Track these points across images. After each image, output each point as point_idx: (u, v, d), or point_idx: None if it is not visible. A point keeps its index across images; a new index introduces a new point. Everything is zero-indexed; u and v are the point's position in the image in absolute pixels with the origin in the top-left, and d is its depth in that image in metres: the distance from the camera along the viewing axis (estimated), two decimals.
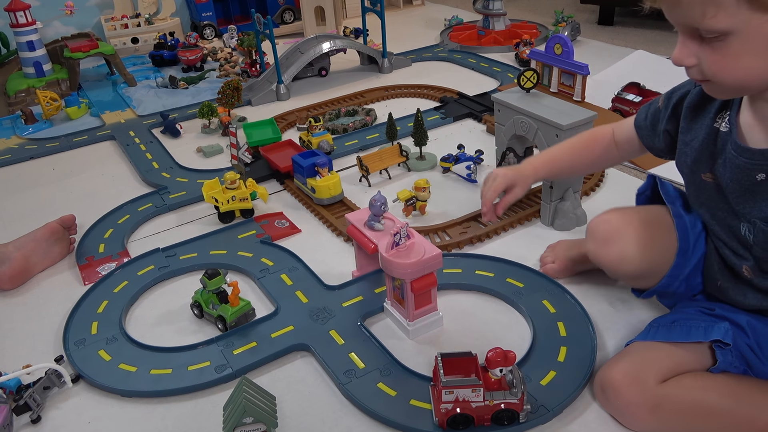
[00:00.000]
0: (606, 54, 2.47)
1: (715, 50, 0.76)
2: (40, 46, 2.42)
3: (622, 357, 0.96)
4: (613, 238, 1.00)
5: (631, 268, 1.00)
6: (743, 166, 0.84)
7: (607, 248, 1.01)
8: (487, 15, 2.68)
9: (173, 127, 2.05)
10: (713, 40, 0.75)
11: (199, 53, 2.62)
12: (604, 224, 1.03)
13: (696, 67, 0.79)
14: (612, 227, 1.01)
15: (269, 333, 1.17)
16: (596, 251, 1.03)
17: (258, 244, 1.44)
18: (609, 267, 1.03)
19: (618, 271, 1.03)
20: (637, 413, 0.91)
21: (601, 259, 1.03)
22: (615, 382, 0.93)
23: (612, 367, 0.95)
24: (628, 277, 1.05)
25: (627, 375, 0.92)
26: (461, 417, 0.92)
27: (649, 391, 0.90)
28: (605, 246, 1.01)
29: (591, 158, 1.17)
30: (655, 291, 1.02)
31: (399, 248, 1.08)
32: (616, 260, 1.00)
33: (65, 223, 1.45)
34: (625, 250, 0.99)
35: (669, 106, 0.99)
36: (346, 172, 1.75)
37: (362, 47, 2.47)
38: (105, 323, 1.22)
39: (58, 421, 1.04)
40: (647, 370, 0.91)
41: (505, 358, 0.91)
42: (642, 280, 1.04)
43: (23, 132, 2.13)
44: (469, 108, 2.05)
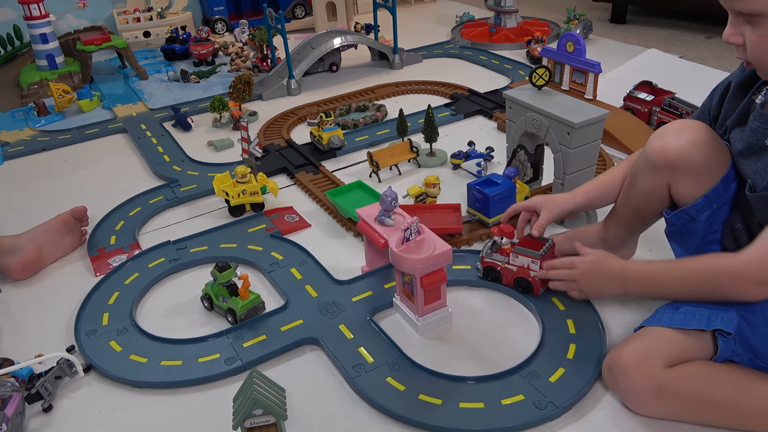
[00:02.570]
0: (618, 52, 2.46)
1: (754, 30, 0.86)
2: (53, 38, 2.44)
3: (631, 340, 0.98)
4: (685, 131, 1.02)
5: (693, 159, 1.00)
6: (756, 129, 0.94)
7: (678, 138, 1.02)
8: (499, 12, 2.68)
9: (184, 121, 2.05)
10: (753, 20, 0.85)
11: (210, 47, 2.63)
12: (678, 122, 1.06)
13: (742, 46, 0.89)
14: (684, 124, 1.04)
15: (279, 326, 1.18)
16: (664, 143, 1.03)
17: (268, 238, 1.44)
18: (674, 156, 1.02)
19: (682, 160, 1.01)
20: (642, 396, 0.93)
21: (669, 149, 1.02)
22: (622, 362, 0.94)
23: (621, 349, 0.97)
24: (686, 169, 1.02)
25: (634, 357, 0.94)
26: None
27: (654, 374, 0.92)
28: (676, 136, 1.02)
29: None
30: (687, 212, 1.03)
31: (409, 243, 1.08)
32: (685, 148, 1.01)
33: (77, 215, 1.46)
34: (693, 141, 1.00)
35: (717, 93, 1.07)
36: (355, 168, 1.75)
37: (373, 43, 2.47)
38: (116, 314, 1.23)
39: (69, 410, 1.05)
40: (654, 353, 0.93)
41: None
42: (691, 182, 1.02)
43: (36, 124, 2.15)
44: (480, 105, 2.05)
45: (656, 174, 1.06)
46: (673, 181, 1.05)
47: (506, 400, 0.99)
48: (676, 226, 1.07)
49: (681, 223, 1.05)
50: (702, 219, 1.02)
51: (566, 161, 1.36)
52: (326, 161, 1.78)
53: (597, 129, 1.34)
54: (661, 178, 1.06)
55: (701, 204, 1.01)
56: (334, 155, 1.81)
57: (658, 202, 1.09)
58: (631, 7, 2.87)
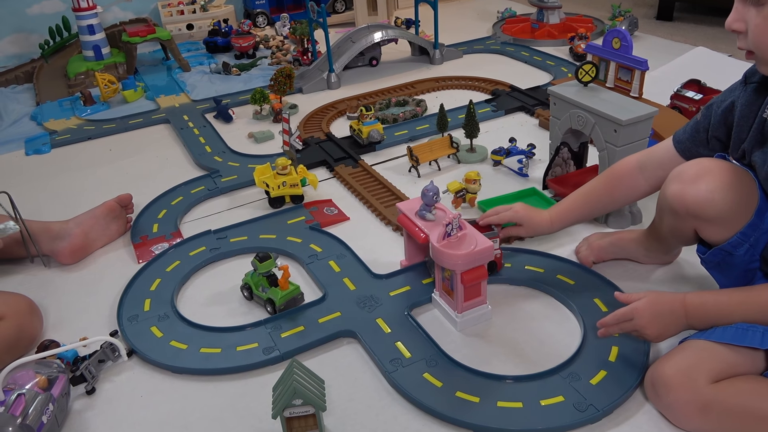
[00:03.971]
0: (664, 50, 2.40)
1: (758, 13, 0.85)
2: (99, 30, 2.49)
3: (675, 353, 0.95)
4: (703, 177, 0.98)
5: (716, 209, 0.96)
6: None
7: (696, 186, 0.98)
8: (542, 8, 2.64)
9: (226, 113, 2.08)
10: (758, 3, 0.84)
11: (251, 40, 2.65)
12: (695, 165, 1.01)
13: (744, 34, 0.88)
14: (703, 167, 0.99)
15: (317, 318, 1.18)
16: (682, 190, 1.00)
17: (307, 230, 1.45)
18: (694, 205, 0.99)
19: (703, 210, 0.98)
20: (686, 411, 0.90)
21: (688, 198, 0.99)
22: (666, 378, 0.91)
23: (664, 363, 0.94)
24: (710, 218, 0.99)
25: (678, 372, 0.91)
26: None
27: (699, 390, 0.88)
28: (694, 184, 0.98)
29: (612, 197, 1.21)
30: (723, 249, 0.99)
31: (450, 239, 1.07)
32: (704, 198, 0.97)
33: (122, 202, 1.48)
34: (713, 189, 0.96)
35: (718, 113, 1.03)
36: (394, 162, 1.74)
37: (414, 38, 2.46)
38: (157, 301, 1.25)
39: (111, 393, 1.07)
40: (699, 368, 0.90)
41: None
42: (718, 227, 0.99)
43: (82, 113, 2.20)
44: (521, 101, 2.02)
45: (678, 218, 1.03)
46: (697, 226, 1.01)
47: (545, 401, 0.97)
48: (712, 262, 1.03)
49: (718, 259, 1.01)
50: (740, 253, 0.98)
51: (612, 159, 1.33)
52: (365, 155, 1.78)
53: (645, 127, 1.31)
54: (685, 222, 1.03)
55: (737, 240, 0.97)
56: (374, 149, 1.81)
57: (686, 238, 1.07)
58: (678, 4, 2.79)
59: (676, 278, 1.23)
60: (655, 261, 1.26)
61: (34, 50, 2.73)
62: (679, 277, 1.23)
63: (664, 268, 1.26)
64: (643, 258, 1.26)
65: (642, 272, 1.25)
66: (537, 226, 1.25)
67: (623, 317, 0.99)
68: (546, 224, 1.24)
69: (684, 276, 1.24)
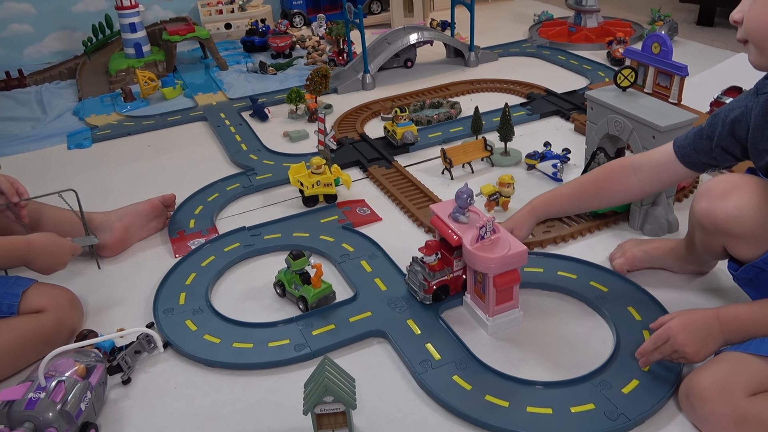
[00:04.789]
0: (704, 56, 2.36)
1: (754, 2, 0.88)
2: (140, 28, 2.54)
3: (710, 365, 0.93)
4: (732, 193, 0.97)
5: (744, 226, 0.95)
6: None
7: (724, 202, 0.97)
8: (580, 11, 2.61)
9: (262, 111, 2.10)
10: None
11: (288, 40, 2.68)
12: (724, 181, 0.99)
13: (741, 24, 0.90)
14: (731, 184, 0.98)
15: (348, 317, 1.19)
16: (710, 207, 0.99)
17: (340, 229, 1.46)
18: (722, 222, 0.97)
19: (731, 226, 0.97)
20: (721, 424, 0.88)
21: (716, 215, 0.98)
22: (701, 389, 0.90)
23: (700, 374, 0.92)
24: (739, 235, 0.97)
25: (714, 384, 0.89)
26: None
27: (736, 402, 0.87)
28: (722, 200, 0.97)
29: (598, 192, 1.20)
30: (755, 265, 0.97)
31: (484, 242, 1.07)
32: (732, 215, 0.96)
33: (166, 202, 1.52)
34: (742, 206, 0.95)
35: (725, 124, 1.01)
36: (427, 164, 1.75)
37: (449, 40, 2.46)
38: (192, 295, 1.28)
39: (146, 383, 1.10)
40: (736, 381, 0.88)
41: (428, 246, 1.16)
42: (748, 244, 0.97)
43: (122, 109, 2.25)
44: (557, 105, 2.01)
45: (708, 234, 1.03)
46: (727, 243, 1.00)
47: (576, 408, 0.97)
48: (744, 279, 1.01)
49: (751, 275, 0.99)
50: None
51: None
52: (399, 156, 1.79)
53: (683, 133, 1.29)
54: (714, 238, 1.02)
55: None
56: (407, 150, 1.81)
57: (717, 253, 1.06)
58: (720, 9, 2.74)
59: (711, 288, 1.21)
60: (690, 271, 1.24)
61: (78, 47, 2.80)
62: (715, 288, 1.21)
63: (700, 279, 1.24)
64: (678, 268, 1.24)
65: (677, 281, 1.23)
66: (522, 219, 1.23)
67: (659, 339, 0.97)
68: (527, 214, 1.24)
69: (720, 286, 1.22)
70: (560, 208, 1.27)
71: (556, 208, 1.26)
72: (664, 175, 1.12)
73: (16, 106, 2.39)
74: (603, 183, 1.19)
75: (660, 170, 1.11)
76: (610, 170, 1.19)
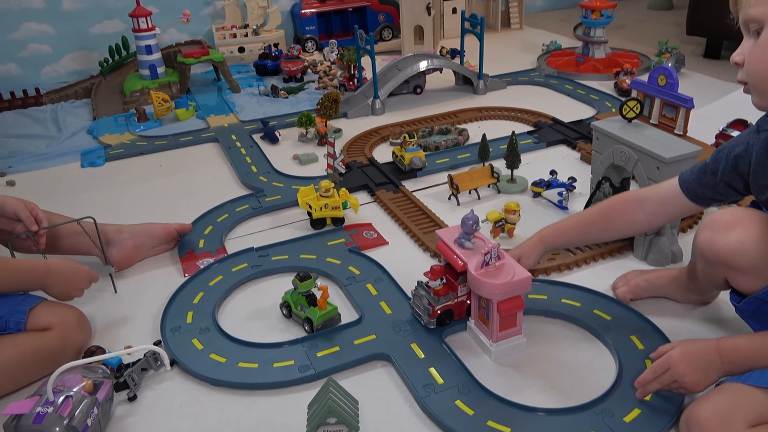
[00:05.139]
0: (710, 88, 2.38)
1: (756, 43, 0.88)
2: (156, 50, 2.60)
3: (711, 396, 0.93)
4: (734, 226, 0.98)
5: (746, 259, 0.97)
6: None
7: (727, 235, 0.98)
8: (588, 42, 2.65)
9: (272, 134, 2.14)
10: (757, 34, 0.87)
11: (300, 65, 2.73)
12: (727, 214, 1.01)
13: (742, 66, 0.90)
14: (734, 217, 1.00)
15: (352, 339, 1.20)
16: (713, 239, 1.00)
17: (346, 252, 1.48)
18: (724, 255, 0.99)
19: (733, 259, 0.98)
20: None
21: (719, 247, 0.99)
22: (702, 420, 0.90)
23: (700, 405, 0.92)
24: (741, 268, 0.99)
25: (715, 414, 0.89)
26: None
27: None
28: (725, 233, 0.99)
29: (606, 225, 1.21)
30: (758, 298, 0.98)
31: (488, 268, 1.09)
32: (734, 248, 0.97)
33: (182, 231, 1.55)
34: (744, 240, 0.96)
35: (729, 159, 1.02)
36: (434, 189, 1.77)
37: (458, 68, 2.50)
38: (199, 314, 1.29)
39: (152, 401, 1.11)
40: (737, 412, 0.88)
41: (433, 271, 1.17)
42: (750, 277, 0.98)
43: (136, 129, 2.29)
44: (564, 134, 2.03)
45: (710, 266, 1.04)
46: (729, 275, 1.01)
47: None
48: (747, 311, 1.02)
49: (753, 308, 1.01)
50: None
51: None
52: (406, 181, 1.81)
53: (688, 166, 1.29)
54: (716, 270, 1.03)
55: None
56: (415, 176, 1.84)
57: (719, 284, 1.07)
58: (727, 43, 2.77)
59: (714, 318, 1.22)
60: (693, 301, 1.25)
61: (94, 67, 2.86)
62: (717, 318, 1.22)
63: (703, 308, 1.25)
64: (681, 297, 1.25)
65: (680, 311, 1.24)
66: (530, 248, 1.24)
67: (659, 369, 0.98)
68: (536, 241, 1.25)
69: (722, 317, 1.22)
70: (568, 239, 1.28)
71: (564, 239, 1.27)
72: (669, 209, 1.14)
73: (31, 123, 2.43)
74: (610, 215, 1.20)
75: (666, 204, 1.13)
76: (617, 203, 1.20)
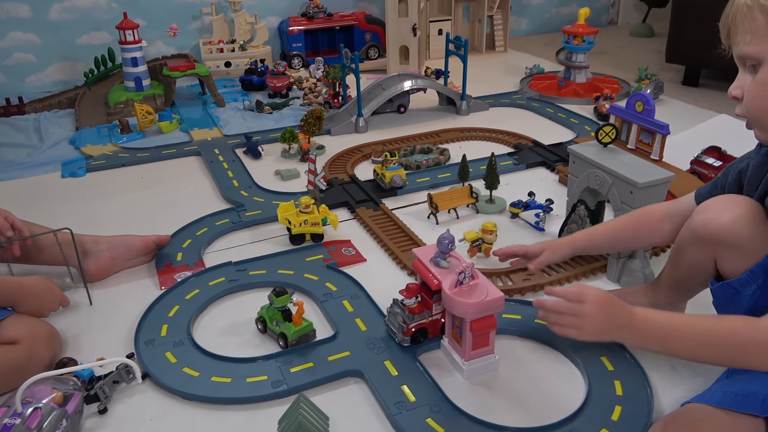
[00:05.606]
0: (688, 115, 2.43)
1: (754, 80, 0.90)
2: (142, 62, 2.61)
3: (677, 416, 0.94)
4: (729, 207, 1.02)
5: (737, 235, 1.00)
6: None
7: (721, 213, 1.02)
8: (570, 66, 2.70)
9: (255, 149, 2.15)
10: (754, 70, 0.89)
11: (286, 81, 2.75)
12: (724, 198, 1.05)
13: (741, 101, 0.92)
14: (729, 199, 1.04)
15: (326, 356, 1.20)
16: (708, 218, 1.03)
17: (324, 268, 1.48)
18: (717, 232, 1.02)
19: (726, 236, 1.01)
20: None
21: (712, 225, 1.02)
22: None
23: (667, 425, 0.93)
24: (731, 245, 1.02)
25: None
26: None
27: None
28: (719, 212, 1.02)
29: (635, 234, 1.25)
30: (731, 285, 1.01)
31: (462, 287, 1.10)
32: (728, 225, 1.00)
33: (160, 243, 1.55)
34: (736, 218, 1.00)
35: (734, 174, 1.07)
36: (414, 208, 1.79)
37: (442, 88, 2.53)
38: (174, 327, 1.29)
39: (123, 414, 1.10)
40: None
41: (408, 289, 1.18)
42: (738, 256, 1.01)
43: (118, 140, 2.29)
44: (543, 157, 2.06)
45: (701, 247, 1.07)
46: (718, 255, 1.05)
47: None
48: (722, 298, 1.05)
49: (726, 295, 1.04)
50: (747, 293, 1.00)
51: None
52: (387, 199, 1.83)
53: (661, 191, 1.33)
54: (707, 251, 1.06)
55: (746, 278, 1.00)
56: (395, 194, 1.85)
57: (704, 273, 1.09)
58: (705, 71, 2.84)
59: None
60: None
61: (79, 78, 2.86)
62: None
63: None
64: None
65: None
66: (559, 245, 1.29)
67: (572, 296, 1.03)
68: (568, 244, 1.29)
69: None
70: (599, 244, 1.31)
71: (595, 245, 1.31)
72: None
73: (13, 132, 2.43)
74: (641, 225, 1.24)
75: (686, 217, 1.15)
76: (649, 213, 1.23)
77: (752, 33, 0.89)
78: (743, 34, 0.90)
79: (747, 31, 0.90)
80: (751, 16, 0.89)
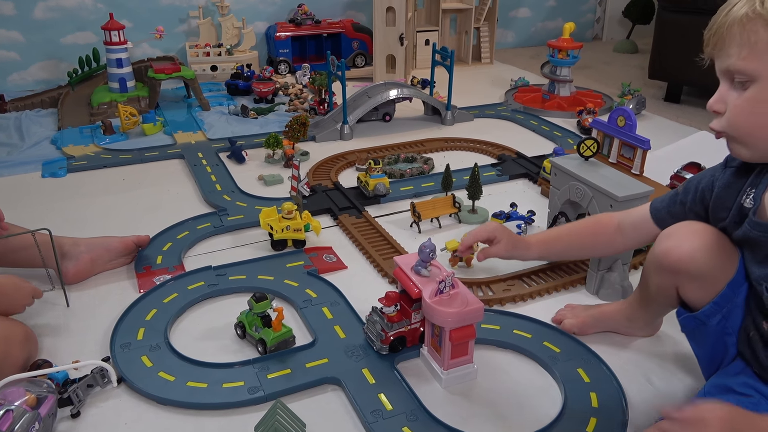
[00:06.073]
0: (669, 131, 2.47)
1: (740, 95, 0.87)
2: (127, 64, 2.59)
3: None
4: (689, 237, 1.02)
5: (696, 265, 1.00)
6: (757, 239, 0.92)
7: (681, 243, 1.02)
8: (554, 80, 2.73)
9: (239, 154, 2.14)
10: (742, 86, 0.86)
11: (272, 86, 2.75)
12: (686, 226, 1.04)
13: (721, 115, 0.89)
14: (692, 229, 1.03)
15: (304, 362, 1.20)
16: (669, 248, 1.03)
17: (305, 274, 1.48)
18: (677, 262, 1.02)
19: (686, 266, 1.01)
20: None
21: (673, 255, 1.02)
22: None
23: None
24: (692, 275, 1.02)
25: None
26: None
27: None
28: (679, 242, 1.02)
29: (591, 243, 1.27)
30: (697, 316, 1.02)
31: (442, 296, 1.11)
32: (687, 255, 1.00)
33: (140, 243, 1.53)
34: (696, 248, 1.00)
35: (697, 191, 1.05)
36: (397, 216, 1.79)
37: (428, 98, 2.55)
38: (151, 331, 1.28)
39: (96, 418, 1.09)
40: None
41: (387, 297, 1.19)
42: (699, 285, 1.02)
43: (101, 141, 2.26)
44: (526, 168, 2.08)
45: (664, 275, 1.07)
46: (680, 284, 1.05)
47: None
48: (688, 328, 1.07)
49: (692, 326, 1.05)
50: (713, 324, 1.01)
51: None
52: (370, 207, 1.83)
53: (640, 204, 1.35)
54: (669, 279, 1.07)
55: (710, 309, 1.00)
56: (378, 202, 1.85)
57: (671, 297, 1.10)
58: (687, 88, 2.88)
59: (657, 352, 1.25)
60: (637, 332, 1.28)
61: (63, 77, 2.83)
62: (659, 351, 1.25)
63: (646, 340, 1.28)
64: (625, 329, 1.28)
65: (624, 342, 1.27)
66: (517, 242, 1.29)
67: (692, 421, 0.84)
68: (524, 244, 1.29)
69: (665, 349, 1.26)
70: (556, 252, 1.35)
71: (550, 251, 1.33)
72: (641, 234, 1.18)
73: None
74: (597, 233, 1.25)
75: (638, 229, 1.17)
76: (602, 222, 1.24)
77: (749, 47, 0.83)
78: (739, 47, 0.84)
79: (744, 44, 0.84)
80: (751, 29, 0.83)
